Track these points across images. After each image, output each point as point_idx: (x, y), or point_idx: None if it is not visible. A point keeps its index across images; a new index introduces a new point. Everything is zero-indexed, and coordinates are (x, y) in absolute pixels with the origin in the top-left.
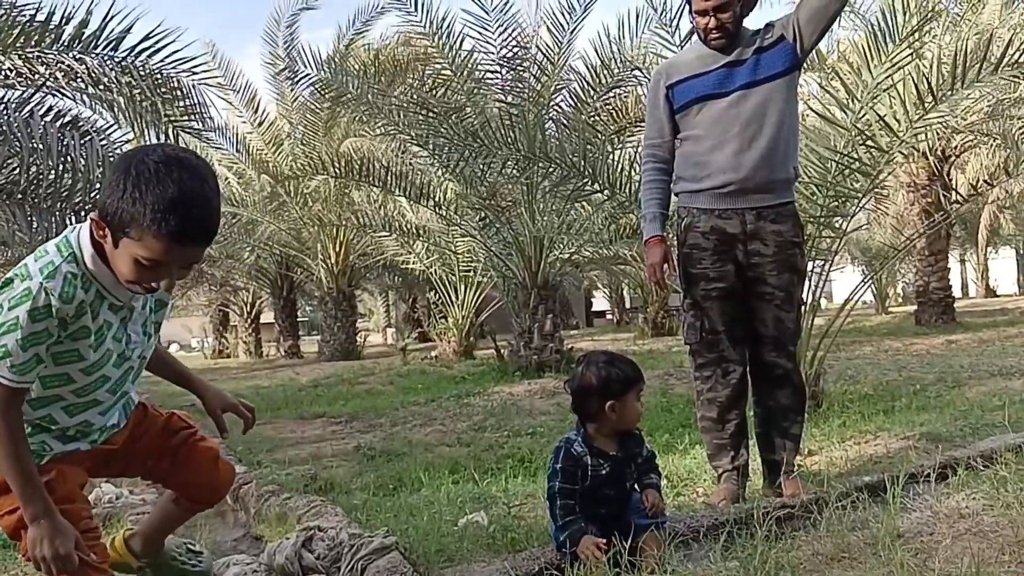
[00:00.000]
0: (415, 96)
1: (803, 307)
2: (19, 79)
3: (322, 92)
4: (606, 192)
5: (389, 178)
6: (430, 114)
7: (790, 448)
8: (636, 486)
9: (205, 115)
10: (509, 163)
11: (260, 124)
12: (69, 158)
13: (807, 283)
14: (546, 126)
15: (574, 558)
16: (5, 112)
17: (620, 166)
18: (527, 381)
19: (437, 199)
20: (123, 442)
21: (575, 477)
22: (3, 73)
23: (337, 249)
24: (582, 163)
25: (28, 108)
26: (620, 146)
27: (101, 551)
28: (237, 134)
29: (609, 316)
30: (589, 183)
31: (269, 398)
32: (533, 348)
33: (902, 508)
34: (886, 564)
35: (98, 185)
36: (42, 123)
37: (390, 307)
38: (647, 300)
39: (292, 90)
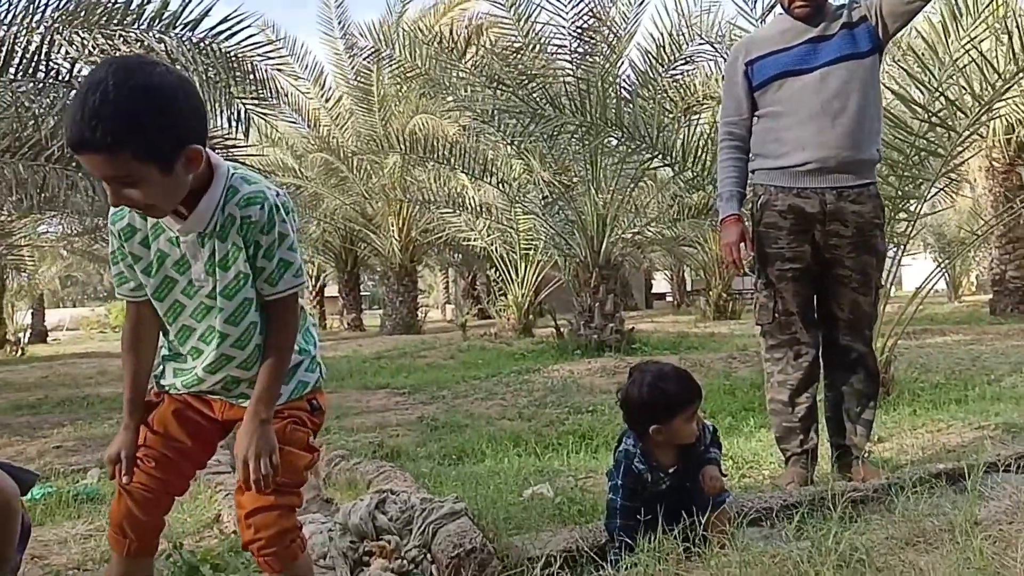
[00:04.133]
0: (483, 71)
1: (881, 291)
2: (102, 56)
3: (385, 68)
4: (676, 168)
5: (453, 155)
6: (499, 88)
7: (861, 433)
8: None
9: (275, 96)
10: (579, 132)
11: (327, 101)
12: None
13: None
14: (612, 102)
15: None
16: None
17: (690, 142)
18: (587, 360)
19: (501, 176)
20: (218, 426)
21: (636, 494)
22: (87, 51)
23: (400, 225)
24: (654, 135)
25: None
26: (689, 122)
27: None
28: (305, 111)
29: (669, 298)
30: (659, 158)
31: (334, 368)
32: (593, 327)
33: (980, 496)
34: (963, 551)
35: None
36: None
37: (449, 284)
38: (709, 282)
39: (352, 66)
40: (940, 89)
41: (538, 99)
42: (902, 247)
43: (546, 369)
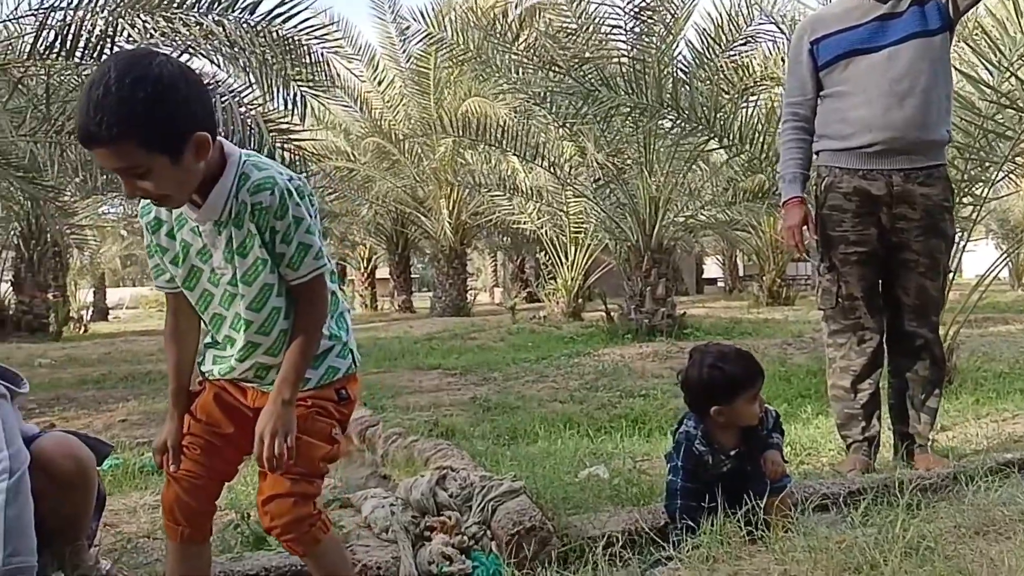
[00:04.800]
0: (536, 53)
1: (948, 275)
2: (163, 39)
3: (435, 51)
4: (733, 149)
5: (505, 138)
6: (551, 70)
7: (925, 421)
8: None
9: (330, 79)
10: (634, 114)
11: (379, 84)
12: None
13: None
14: (668, 82)
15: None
16: None
17: (748, 124)
18: (638, 344)
19: (552, 159)
20: (255, 413)
21: (697, 476)
22: (148, 33)
23: (451, 207)
24: (711, 117)
25: None
26: (747, 104)
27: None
28: (357, 95)
29: (720, 283)
30: (715, 140)
31: (387, 349)
32: (644, 312)
33: None
34: None
35: (236, 144)
36: None
37: (498, 267)
38: (763, 267)
39: (404, 50)
40: (1010, 69)
41: (592, 81)
42: (967, 232)
43: (596, 353)
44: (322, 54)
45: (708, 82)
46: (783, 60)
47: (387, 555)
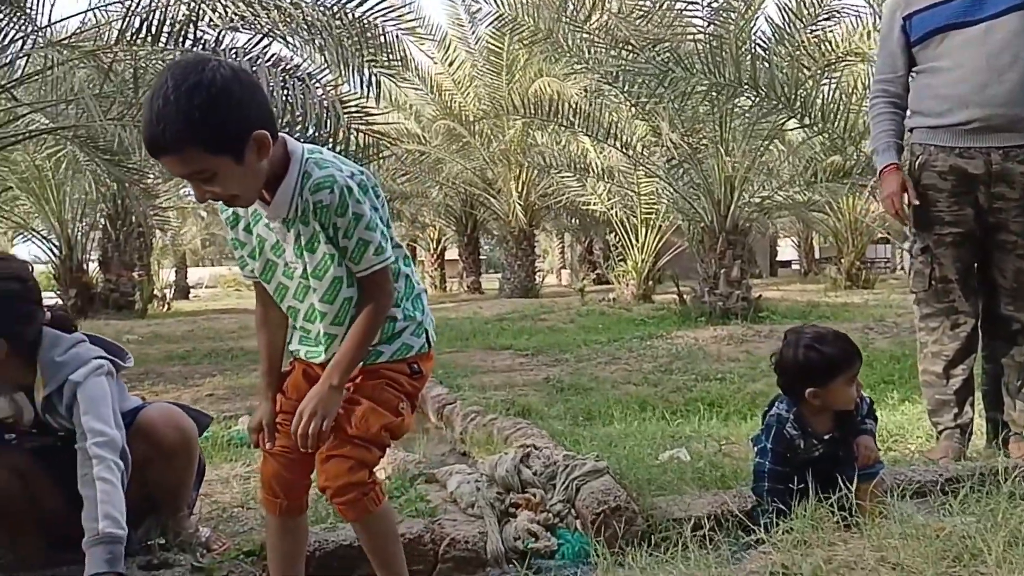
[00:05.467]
0: (608, 32)
1: None
2: (242, 23)
3: (508, 31)
4: (814, 128)
5: (577, 118)
6: (624, 49)
7: (1021, 409)
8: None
9: (403, 61)
10: (710, 93)
11: (451, 65)
12: (288, 102)
13: None
14: (747, 60)
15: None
16: (234, 57)
17: (830, 101)
18: (712, 327)
19: (624, 139)
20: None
21: (786, 459)
22: (229, 18)
23: (520, 189)
24: (791, 94)
25: (253, 54)
26: (829, 80)
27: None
28: (428, 78)
29: (795, 266)
30: (796, 118)
31: (458, 329)
32: (718, 294)
33: None
34: None
35: (312, 127)
36: (265, 68)
37: (565, 248)
38: (841, 249)
39: (474, 31)
40: None
41: (666, 60)
42: None
43: (669, 336)
44: (396, 36)
45: (788, 58)
46: (868, 34)
47: (474, 530)
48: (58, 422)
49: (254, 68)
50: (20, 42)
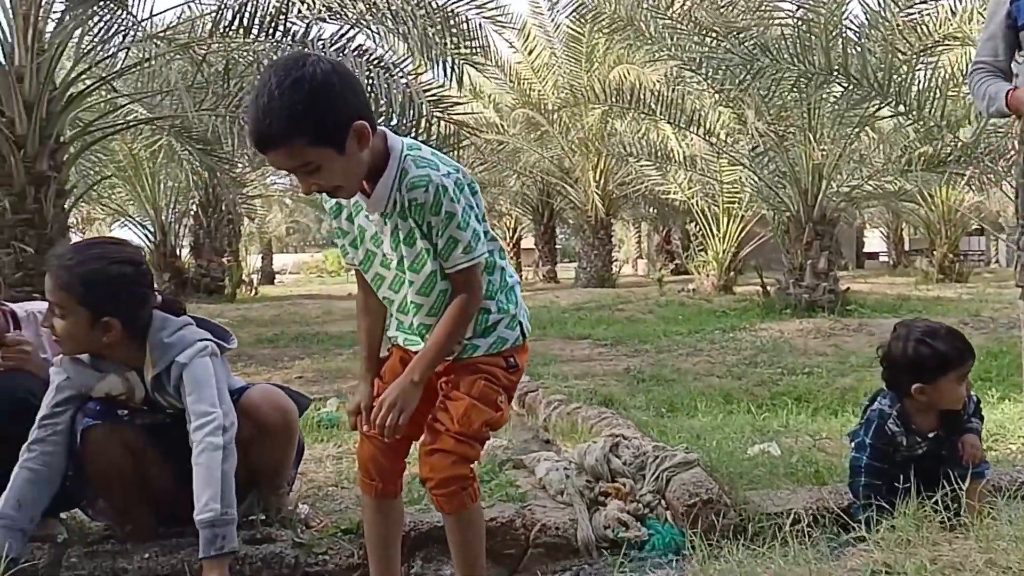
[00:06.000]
0: (691, 19)
1: None
2: (330, 14)
3: (589, 19)
4: (910, 115)
5: (659, 106)
6: (707, 36)
7: None
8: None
9: (486, 48)
10: (801, 81)
11: (530, 53)
12: (373, 92)
13: None
14: (838, 46)
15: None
16: (321, 48)
17: (927, 87)
18: (797, 320)
19: (707, 127)
20: (435, 376)
21: (885, 456)
22: (317, 9)
23: (597, 178)
24: (886, 81)
25: (339, 45)
26: (923, 66)
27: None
28: (506, 65)
29: (883, 257)
30: (891, 105)
31: (535, 318)
32: (804, 286)
33: None
34: None
35: (396, 116)
36: (351, 58)
37: (642, 238)
38: (933, 241)
39: (553, 19)
40: None
41: (750, 47)
42: None
43: (752, 328)
44: (479, 24)
45: (883, 43)
46: (970, 18)
47: (564, 517)
48: (167, 400)
49: (340, 59)
50: (121, 35)
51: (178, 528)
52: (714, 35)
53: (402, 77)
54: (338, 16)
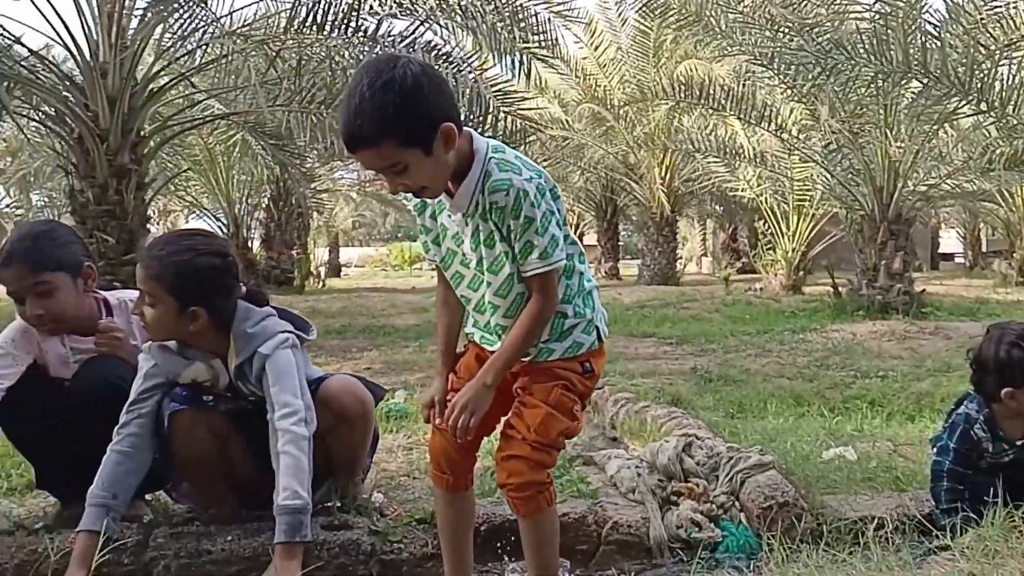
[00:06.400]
0: (760, 13)
1: None
2: (401, 10)
3: (657, 14)
4: (994, 113)
5: (729, 101)
6: (779, 31)
7: None
8: None
9: (554, 42)
10: (878, 78)
11: (596, 48)
12: None
13: None
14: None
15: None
16: (391, 44)
17: (1012, 84)
18: (870, 321)
19: (778, 122)
20: (511, 376)
21: (969, 461)
22: (388, 6)
23: (663, 174)
24: (967, 78)
25: (409, 40)
26: (1006, 62)
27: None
28: (572, 60)
29: (959, 259)
30: (973, 103)
31: None
32: (877, 287)
33: None
34: None
35: (464, 112)
36: (421, 54)
37: (707, 236)
38: (1013, 243)
39: (620, 13)
40: None
41: (823, 43)
42: None
43: (823, 329)
44: (548, 18)
45: (964, 38)
46: None
47: (636, 515)
48: (248, 388)
49: (411, 53)
50: (199, 32)
51: (258, 512)
52: (786, 30)
53: (469, 72)
54: (409, 12)
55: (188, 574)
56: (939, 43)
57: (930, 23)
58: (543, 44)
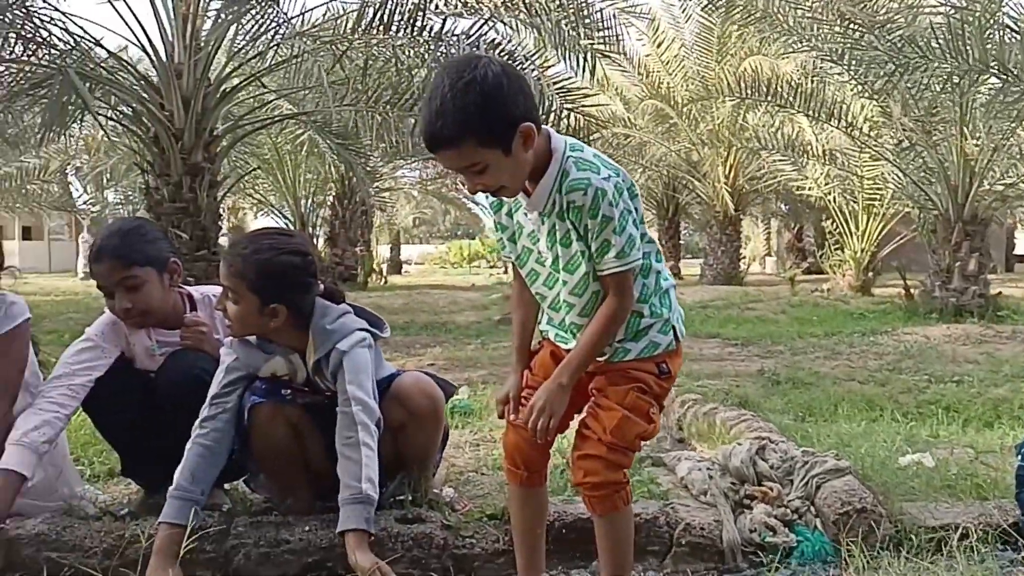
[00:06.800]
0: (830, 9)
1: None
2: (465, 9)
3: (721, 11)
4: None
5: (797, 98)
6: (849, 27)
7: None
8: None
9: (617, 39)
10: (954, 77)
11: (659, 45)
12: None
13: None
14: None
15: None
16: (455, 43)
17: None
18: (944, 325)
19: (848, 119)
20: (587, 375)
21: None
22: (453, 4)
23: (727, 172)
24: None
25: (472, 39)
26: None
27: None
28: (635, 57)
29: None
30: None
31: None
32: (951, 289)
33: None
34: None
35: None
36: (484, 52)
37: (772, 235)
38: None
39: (684, 9)
40: None
41: (895, 42)
42: None
43: (895, 332)
44: (613, 15)
45: None
46: None
47: (709, 517)
48: (324, 383)
49: (475, 52)
50: (270, 33)
51: (334, 504)
52: (856, 26)
53: (533, 70)
54: (474, 11)
55: (267, 562)
56: (1019, 38)
57: (1009, 17)
58: (606, 41)
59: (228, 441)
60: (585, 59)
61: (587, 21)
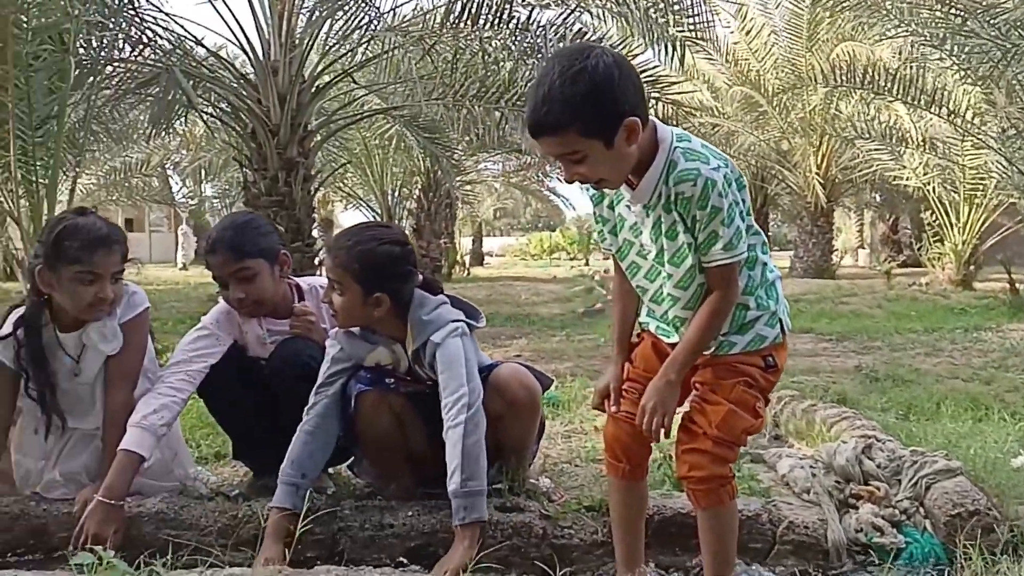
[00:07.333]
0: None
1: None
2: (553, 1)
3: None
4: None
5: (895, 85)
6: (951, 11)
7: None
8: None
9: (707, 25)
10: None
11: (747, 32)
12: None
13: None
14: None
15: None
16: (541, 33)
17: None
18: None
19: (950, 107)
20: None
21: None
22: None
23: (819, 162)
24: None
25: (559, 28)
26: None
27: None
28: (723, 45)
29: None
30: None
31: None
32: None
33: None
34: None
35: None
36: (570, 41)
37: (865, 227)
38: None
39: None
40: None
41: (1001, 27)
42: None
43: (1000, 328)
44: (701, 1)
45: None
46: None
47: (812, 516)
48: (425, 372)
49: (562, 42)
50: (362, 29)
51: (436, 490)
52: (959, 11)
53: None
54: (561, 1)
55: (372, 545)
56: None
57: None
58: (696, 29)
59: (333, 429)
60: (674, 47)
61: (676, 8)
